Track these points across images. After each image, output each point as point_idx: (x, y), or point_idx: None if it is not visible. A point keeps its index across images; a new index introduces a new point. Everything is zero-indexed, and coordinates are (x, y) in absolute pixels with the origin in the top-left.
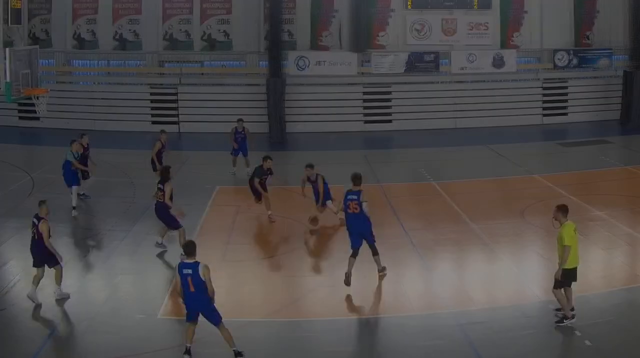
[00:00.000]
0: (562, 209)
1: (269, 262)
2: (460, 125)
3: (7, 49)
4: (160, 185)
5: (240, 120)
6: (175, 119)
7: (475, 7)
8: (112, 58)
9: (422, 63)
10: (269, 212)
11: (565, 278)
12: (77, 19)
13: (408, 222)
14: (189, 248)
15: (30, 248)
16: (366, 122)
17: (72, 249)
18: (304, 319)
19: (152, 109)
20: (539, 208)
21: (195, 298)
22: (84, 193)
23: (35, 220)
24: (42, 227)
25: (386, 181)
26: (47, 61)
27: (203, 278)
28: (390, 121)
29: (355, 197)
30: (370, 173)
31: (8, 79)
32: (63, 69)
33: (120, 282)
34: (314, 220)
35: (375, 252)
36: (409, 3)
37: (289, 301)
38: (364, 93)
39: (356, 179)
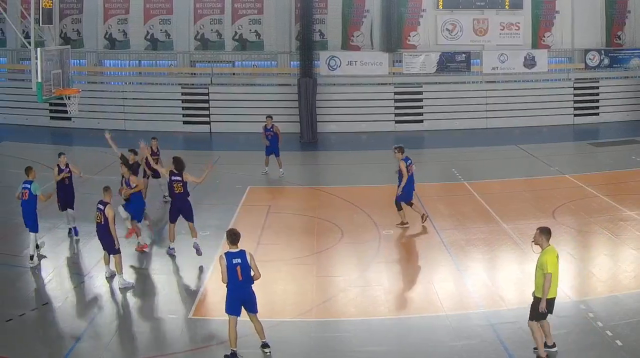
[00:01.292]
0: (545, 232)
1: (300, 262)
2: (491, 125)
3: (39, 49)
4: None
5: (269, 117)
6: (206, 119)
7: (507, 7)
8: (143, 58)
9: (453, 63)
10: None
11: (547, 308)
12: (108, 19)
13: (439, 222)
14: (235, 237)
15: (97, 233)
16: (397, 122)
17: (102, 249)
18: (335, 319)
19: (183, 109)
20: (570, 208)
21: (243, 286)
22: (39, 246)
23: (100, 205)
24: (108, 211)
25: (417, 181)
26: (78, 61)
27: (249, 263)
28: (421, 121)
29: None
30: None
31: (39, 79)
32: (94, 69)
33: (151, 282)
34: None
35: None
36: (440, 3)
37: (320, 301)
38: (395, 93)
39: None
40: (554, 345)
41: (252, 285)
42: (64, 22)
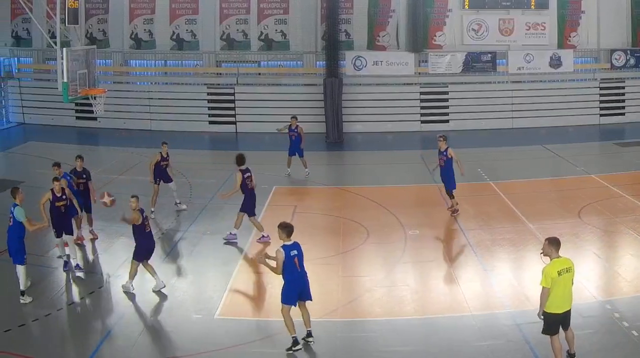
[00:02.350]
0: (553, 243)
1: (326, 262)
2: (517, 125)
3: (64, 49)
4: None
5: (293, 117)
6: (232, 119)
7: (533, 7)
8: (169, 58)
9: (479, 63)
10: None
11: (552, 323)
12: (134, 19)
13: (465, 222)
14: (289, 229)
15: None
16: (423, 122)
17: (129, 249)
18: (361, 319)
19: (209, 109)
20: (596, 208)
21: (302, 276)
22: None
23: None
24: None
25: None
26: (104, 61)
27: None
28: (447, 121)
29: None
30: (427, 173)
31: (65, 79)
32: (120, 69)
33: (177, 282)
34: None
35: None
36: (466, 3)
37: (346, 301)
38: (421, 93)
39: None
40: (573, 355)
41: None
42: (90, 22)
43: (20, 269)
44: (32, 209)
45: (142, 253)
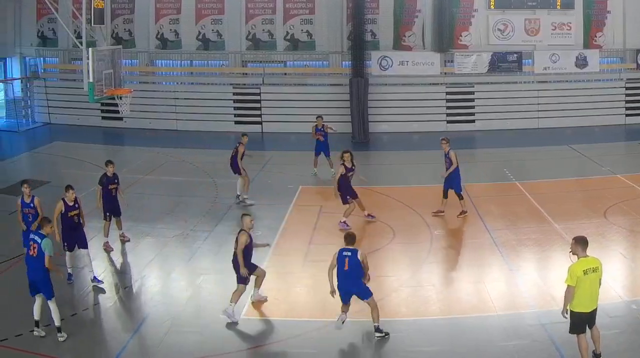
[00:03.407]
0: (580, 242)
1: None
2: (542, 125)
3: (90, 49)
4: None
5: (319, 117)
6: (258, 119)
7: (558, 7)
8: (195, 58)
9: (505, 63)
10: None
11: (578, 322)
12: (159, 19)
13: (491, 222)
14: (352, 238)
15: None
16: (449, 122)
17: (155, 249)
18: (387, 319)
19: (235, 109)
20: (622, 209)
21: (348, 276)
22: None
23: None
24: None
25: (469, 181)
26: (130, 61)
27: (360, 260)
28: (473, 121)
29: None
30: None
31: (91, 79)
32: (146, 69)
33: (203, 281)
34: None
35: None
36: (491, 3)
37: None
38: (447, 93)
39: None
40: (599, 355)
41: (361, 279)
42: (116, 22)
43: (53, 303)
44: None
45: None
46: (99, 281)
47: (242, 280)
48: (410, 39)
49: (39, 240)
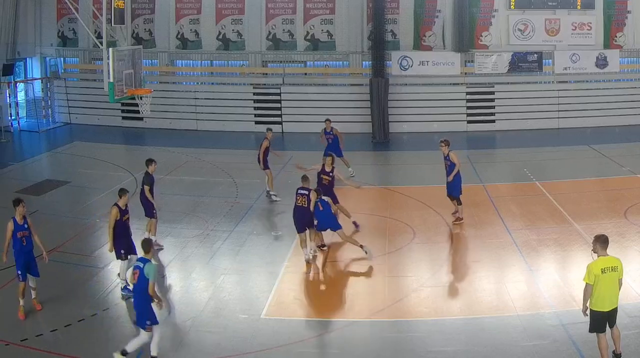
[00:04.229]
0: (600, 240)
1: (372, 263)
2: (563, 125)
3: (110, 49)
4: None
5: (327, 120)
6: (278, 119)
7: (579, 7)
8: (215, 58)
9: (525, 63)
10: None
11: (598, 321)
12: (180, 19)
13: (511, 222)
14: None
15: (294, 216)
16: (469, 122)
17: (175, 250)
18: (407, 319)
19: (255, 109)
20: None
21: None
22: None
23: (304, 191)
24: (312, 195)
25: (489, 181)
26: (150, 61)
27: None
28: (493, 121)
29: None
30: (473, 173)
31: (111, 79)
32: (166, 69)
33: (222, 282)
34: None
35: None
36: (512, 3)
37: (392, 301)
38: (467, 93)
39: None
40: (619, 355)
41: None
42: (136, 22)
43: (144, 335)
44: (80, 208)
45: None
46: (128, 291)
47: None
48: (430, 39)
49: (141, 266)
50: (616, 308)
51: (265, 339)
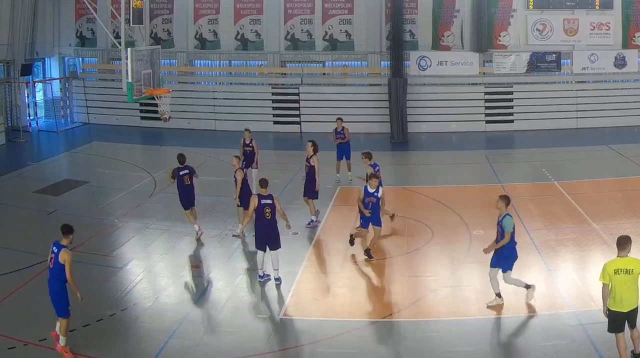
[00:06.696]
0: (617, 241)
1: (390, 262)
2: (581, 125)
3: (129, 49)
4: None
5: (339, 119)
6: (296, 119)
7: (597, 7)
8: (233, 58)
9: (543, 63)
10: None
11: (616, 321)
12: (198, 19)
13: (529, 222)
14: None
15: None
16: (488, 122)
17: (193, 250)
18: (425, 319)
19: (273, 109)
20: None
21: None
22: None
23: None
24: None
25: (508, 181)
26: (168, 61)
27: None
28: (511, 121)
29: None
30: (492, 173)
31: (129, 79)
32: (185, 69)
33: (241, 282)
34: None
35: None
36: (530, 3)
37: (410, 301)
38: (486, 93)
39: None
40: (638, 355)
41: None
42: (155, 22)
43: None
44: (99, 208)
45: None
46: (277, 279)
47: None
48: (448, 39)
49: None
50: (636, 308)
51: (283, 339)
